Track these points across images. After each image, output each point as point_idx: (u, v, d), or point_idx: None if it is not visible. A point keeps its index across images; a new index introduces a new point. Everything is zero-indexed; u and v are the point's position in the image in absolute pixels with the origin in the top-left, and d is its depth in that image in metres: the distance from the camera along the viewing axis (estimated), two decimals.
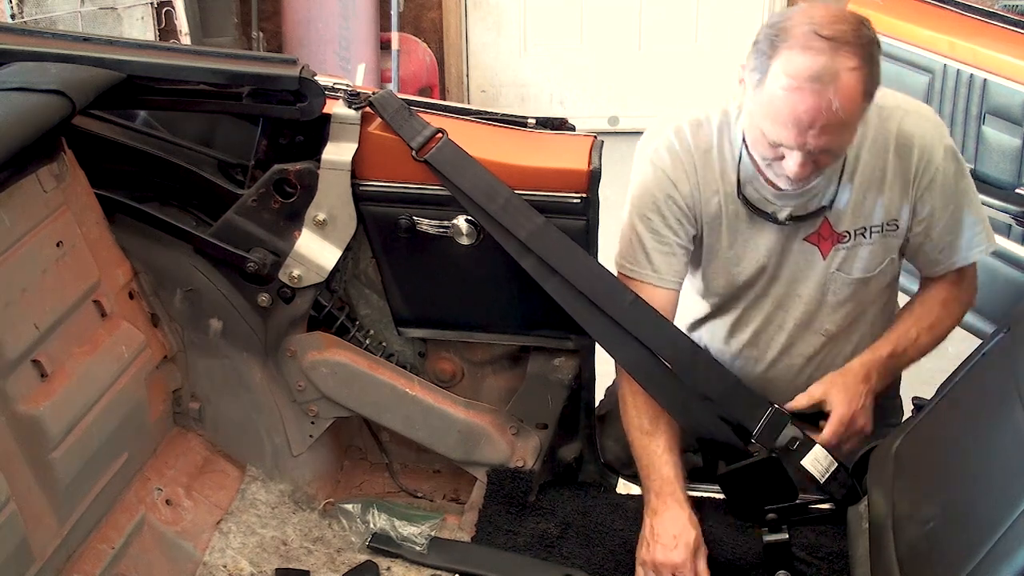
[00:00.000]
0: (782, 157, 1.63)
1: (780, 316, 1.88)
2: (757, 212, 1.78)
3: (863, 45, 1.55)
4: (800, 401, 1.77)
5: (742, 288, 1.86)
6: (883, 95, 1.75)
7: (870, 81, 1.57)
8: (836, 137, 1.59)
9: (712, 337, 1.97)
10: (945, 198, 1.79)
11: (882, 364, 1.79)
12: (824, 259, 1.82)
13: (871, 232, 1.80)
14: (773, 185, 1.73)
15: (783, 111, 1.56)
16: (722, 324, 1.93)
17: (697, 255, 1.86)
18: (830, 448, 1.71)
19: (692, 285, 1.94)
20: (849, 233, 1.80)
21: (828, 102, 1.53)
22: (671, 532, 1.68)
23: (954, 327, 1.88)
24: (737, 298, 1.89)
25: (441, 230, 1.74)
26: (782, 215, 1.77)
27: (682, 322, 1.97)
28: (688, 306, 1.99)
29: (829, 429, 1.73)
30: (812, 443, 1.70)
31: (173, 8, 4.41)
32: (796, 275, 1.84)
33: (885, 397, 2.07)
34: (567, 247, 1.69)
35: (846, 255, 1.81)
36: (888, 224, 1.80)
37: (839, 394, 1.75)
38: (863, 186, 1.77)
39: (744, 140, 1.74)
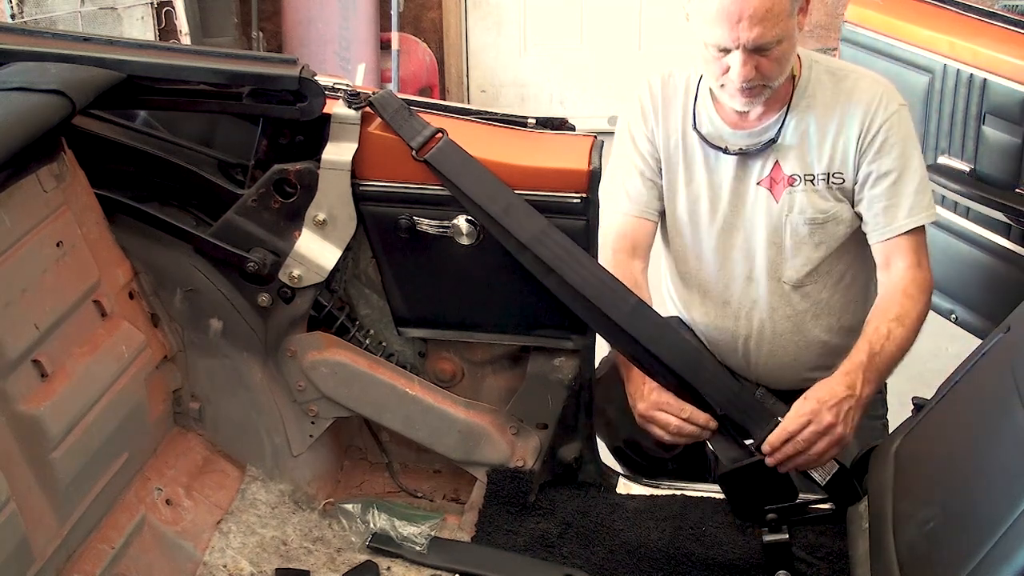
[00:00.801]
0: (727, 69, 1.79)
1: (747, 267, 1.98)
2: (710, 145, 1.93)
3: None
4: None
5: (705, 231, 1.98)
6: (840, 64, 1.98)
7: None
8: (767, 29, 1.73)
9: (697, 304, 2.06)
10: (887, 159, 1.88)
11: (864, 367, 1.77)
12: (777, 202, 1.93)
13: (818, 180, 1.92)
14: (729, 121, 1.91)
15: (712, 8, 1.74)
16: (703, 285, 2.03)
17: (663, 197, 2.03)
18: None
19: (668, 256, 2.09)
20: (798, 177, 1.92)
21: None
22: (637, 387, 1.81)
23: (925, 313, 1.87)
24: (701, 248, 2.00)
25: (441, 230, 1.74)
26: (733, 148, 1.92)
27: (671, 300, 2.14)
28: (672, 283, 2.12)
29: (773, 436, 1.69)
30: None
31: (173, 8, 4.41)
32: (754, 221, 1.95)
33: None
34: (569, 250, 1.69)
35: (798, 199, 1.92)
36: (834, 176, 1.91)
37: (797, 405, 1.72)
38: (810, 131, 1.91)
39: (699, 88, 1.93)
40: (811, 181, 1.91)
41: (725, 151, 1.93)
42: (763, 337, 2.01)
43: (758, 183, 1.93)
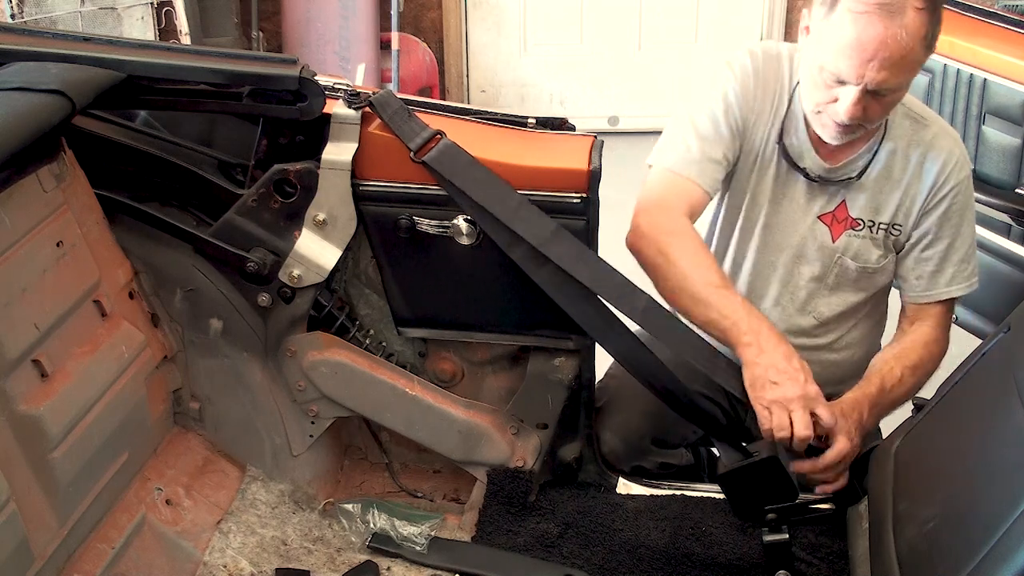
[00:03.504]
0: (835, 100, 1.67)
1: (778, 290, 1.92)
2: (790, 163, 1.83)
3: None
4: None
5: (752, 243, 1.90)
6: (920, 108, 1.85)
7: (931, 29, 1.64)
8: (894, 75, 1.62)
9: None
10: (947, 226, 1.83)
11: (872, 400, 1.75)
12: (833, 242, 1.86)
13: (879, 228, 1.85)
14: (815, 142, 1.80)
15: (848, 37, 1.61)
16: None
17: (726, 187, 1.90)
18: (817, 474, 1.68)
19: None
20: (862, 222, 1.85)
21: (895, 32, 1.59)
22: (794, 366, 1.62)
23: (935, 370, 1.86)
24: (743, 257, 1.92)
25: (441, 230, 1.74)
26: (813, 172, 1.82)
27: None
28: None
29: (831, 455, 1.66)
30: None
31: (173, 8, 4.42)
32: (803, 251, 1.89)
33: None
34: (580, 252, 1.67)
35: (856, 245, 1.86)
36: (893, 226, 1.85)
37: (843, 423, 1.67)
38: (884, 178, 1.83)
39: (795, 94, 1.80)
40: (871, 228, 1.85)
41: (805, 173, 1.83)
42: None
43: (819, 217, 1.86)
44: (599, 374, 2.02)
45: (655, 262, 1.74)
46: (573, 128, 1.84)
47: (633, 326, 1.70)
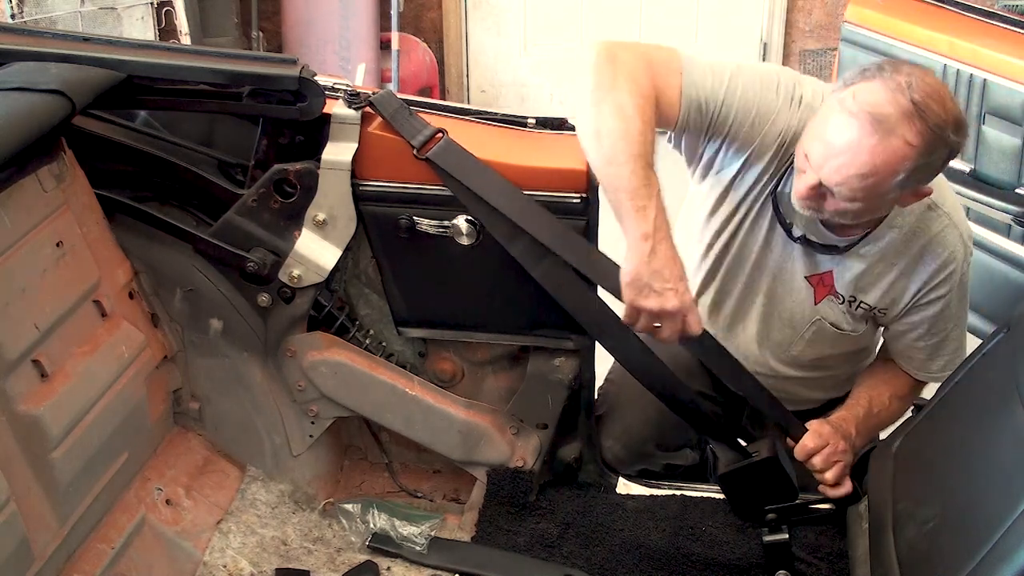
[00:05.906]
0: (803, 171, 1.58)
1: (756, 327, 1.87)
2: (778, 215, 1.74)
3: (935, 137, 1.48)
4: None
5: (737, 273, 1.83)
6: (943, 189, 1.72)
7: (914, 170, 1.51)
8: (849, 188, 1.52)
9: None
10: (941, 322, 1.79)
11: (860, 421, 1.78)
12: (815, 304, 1.81)
13: (859, 306, 1.80)
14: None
15: (827, 126, 1.52)
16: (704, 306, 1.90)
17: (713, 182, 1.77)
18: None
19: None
20: (843, 296, 1.79)
21: (866, 148, 1.48)
22: (677, 275, 1.53)
23: (911, 404, 1.90)
24: (728, 285, 1.85)
25: (441, 230, 1.74)
26: (796, 231, 1.73)
27: None
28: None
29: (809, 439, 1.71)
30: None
31: (173, 8, 4.41)
32: (784, 302, 1.83)
33: None
34: (581, 245, 1.68)
35: (835, 312, 1.81)
36: (878, 310, 1.80)
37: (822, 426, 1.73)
38: (878, 259, 1.74)
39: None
40: (852, 304, 1.79)
41: (787, 229, 1.73)
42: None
43: (806, 277, 1.79)
44: (599, 377, 2.02)
45: (600, 108, 1.54)
46: (573, 128, 1.84)
47: None
